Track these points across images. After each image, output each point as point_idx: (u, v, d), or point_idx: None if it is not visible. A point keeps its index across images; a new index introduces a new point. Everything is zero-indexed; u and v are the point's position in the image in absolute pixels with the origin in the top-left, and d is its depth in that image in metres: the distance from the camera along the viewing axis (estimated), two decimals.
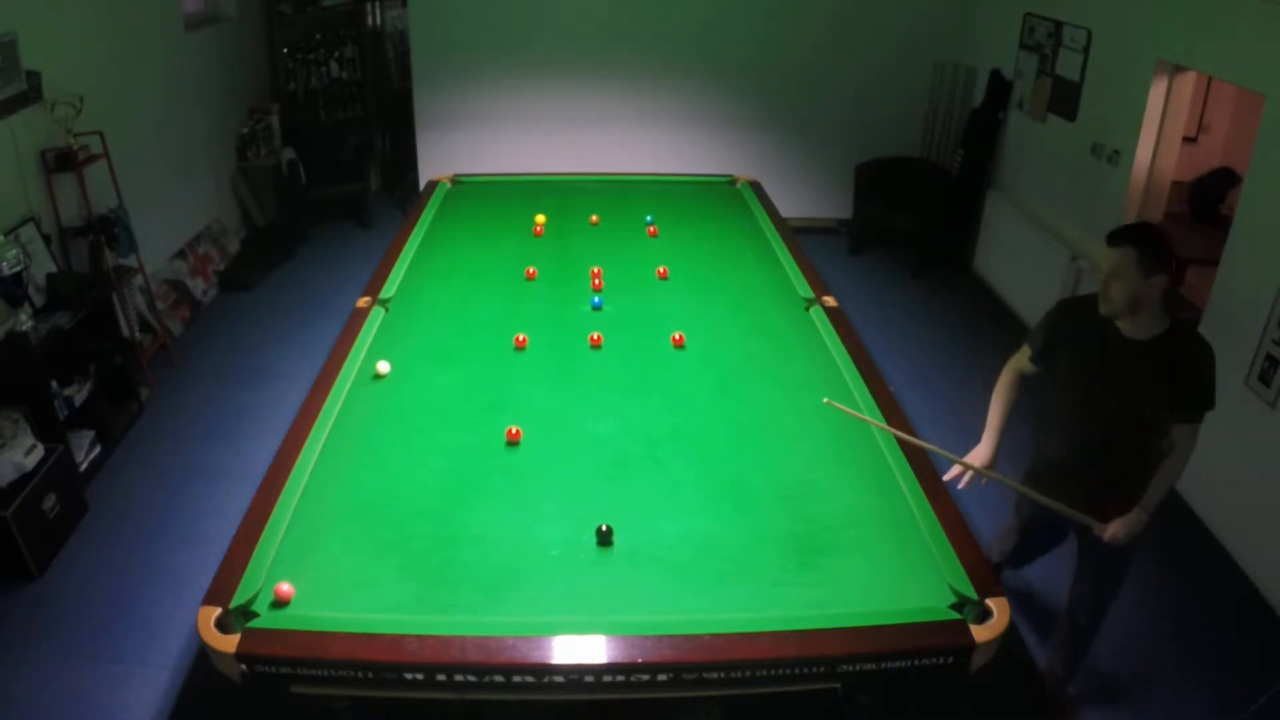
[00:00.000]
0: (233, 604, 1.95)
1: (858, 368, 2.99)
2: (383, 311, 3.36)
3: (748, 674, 1.90)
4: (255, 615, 1.94)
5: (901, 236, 6.28)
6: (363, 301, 3.40)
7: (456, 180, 4.92)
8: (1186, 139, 5.44)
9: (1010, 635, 2.04)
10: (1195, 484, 3.82)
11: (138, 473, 3.89)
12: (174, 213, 5.30)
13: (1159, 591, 3.36)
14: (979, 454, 2.60)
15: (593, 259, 3.80)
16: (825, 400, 2.58)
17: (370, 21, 6.98)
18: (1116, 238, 2.24)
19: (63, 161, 4.00)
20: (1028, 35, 5.39)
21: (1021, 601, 3.26)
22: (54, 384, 3.66)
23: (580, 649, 1.88)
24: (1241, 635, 3.18)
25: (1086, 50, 4.75)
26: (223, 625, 1.89)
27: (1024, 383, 2.66)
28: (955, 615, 1.98)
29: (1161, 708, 2.88)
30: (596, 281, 3.62)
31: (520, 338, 3.16)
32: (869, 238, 6.47)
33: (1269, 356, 3.35)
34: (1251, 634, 3.19)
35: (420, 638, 1.88)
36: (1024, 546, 2.95)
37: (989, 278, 5.88)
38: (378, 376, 2.90)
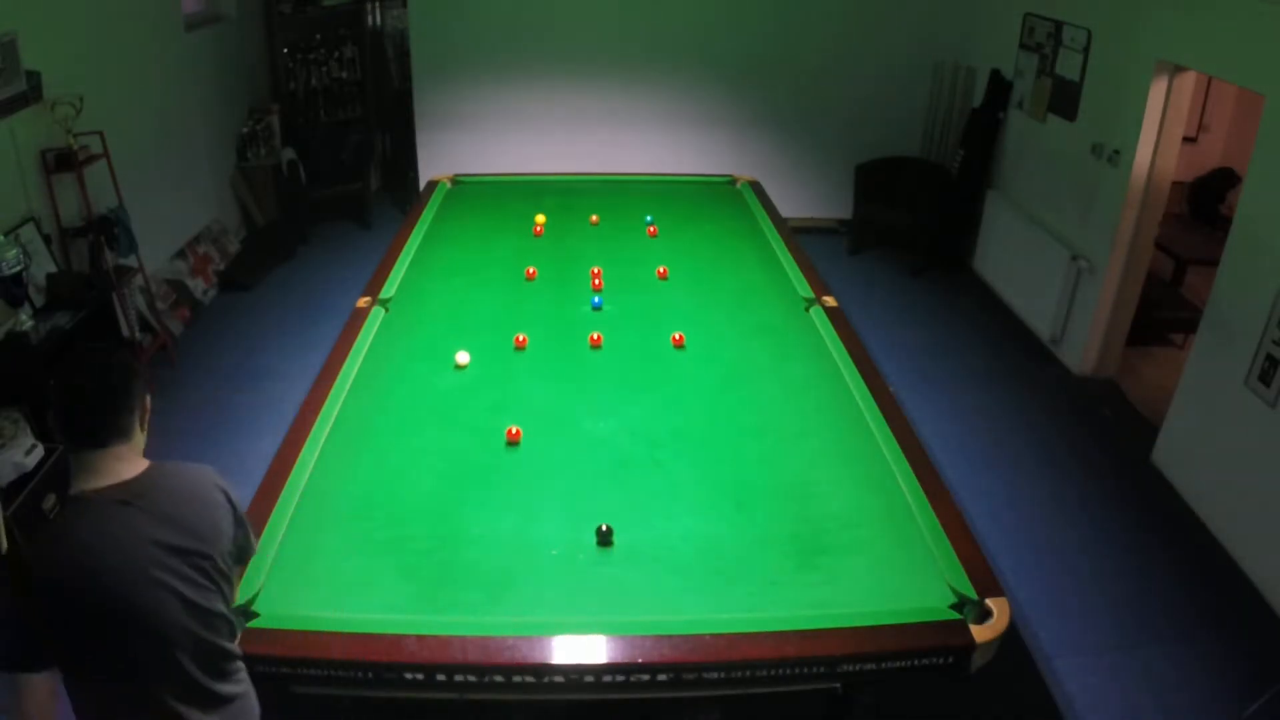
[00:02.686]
0: (233, 604, 1.95)
1: (858, 368, 2.99)
2: (383, 311, 3.35)
3: (748, 674, 1.90)
4: (255, 615, 1.93)
5: (901, 236, 6.28)
6: (363, 301, 3.40)
7: (456, 180, 4.91)
8: (1186, 139, 5.45)
9: (1010, 635, 2.04)
10: (1195, 483, 3.83)
11: None
12: (174, 213, 5.30)
13: (1158, 591, 3.36)
14: None
15: (593, 259, 3.80)
16: None
17: (370, 21, 6.98)
18: None
19: (63, 161, 4.00)
20: (1028, 35, 5.39)
21: (1023, 600, 3.26)
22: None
23: (580, 649, 1.88)
24: (1241, 635, 3.18)
25: (1086, 50, 4.75)
26: None
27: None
28: (955, 615, 1.98)
29: (1160, 707, 2.88)
30: (596, 281, 3.62)
31: (520, 338, 3.16)
32: (869, 238, 6.47)
33: (1269, 356, 3.35)
34: (1251, 634, 3.19)
35: (420, 638, 1.88)
36: None
37: (989, 278, 5.88)
38: (458, 368, 2.96)
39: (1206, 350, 3.79)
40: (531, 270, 3.72)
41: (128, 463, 1.68)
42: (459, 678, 1.86)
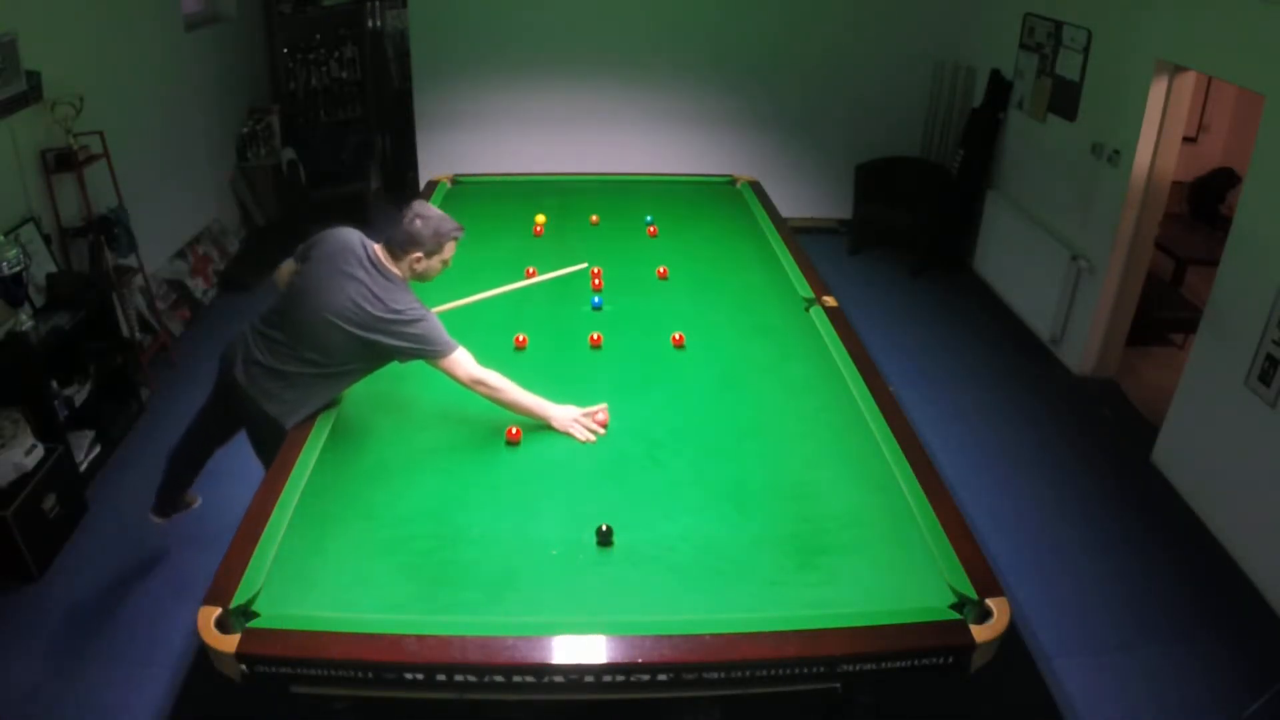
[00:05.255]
0: (233, 604, 1.95)
1: (858, 368, 2.98)
2: None
3: (748, 674, 1.90)
4: (255, 615, 1.93)
5: (901, 236, 6.28)
6: None
7: (456, 180, 4.91)
8: (1186, 139, 5.45)
9: (1010, 635, 2.04)
10: (1195, 484, 3.83)
11: (138, 473, 3.89)
12: (174, 213, 5.30)
13: (1157, 591, 3.36)
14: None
15: (593, 259, 3.80)
16: None
17: (370, 21, 6.99)
18: None
19: (63, 161, 4.00)
20: (1028, 35, 5.40)
21: (1023, 600, 3.26)
22: (54, 384, 3.66)
23: (580, 649, 1.88)
24: (1241, 635, 3.18)
25: (1086, 50, 4.75)
26: (223, 625, 1.89)
27: None
28: (955, 615, 1.97)
29: (1160, 707, 2.88)
30: (596, 281, 3.62)
31: (520, 338, 3.16)
32: (869, 238, 6.47)
33: (1269, 356, 3.35)
34: (1251, 634, 3.19)
35: (420, 638, 1.88)
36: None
37: (989, 277, 5.88)
38: None
39: (1206, 350, 3.79)
40: (531, 270, 3.71)
41: (388, 261, 2.63)
42: (459, 678, 1.86)
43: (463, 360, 2.60)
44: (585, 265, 3.60)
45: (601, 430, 2.65)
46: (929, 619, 1.97)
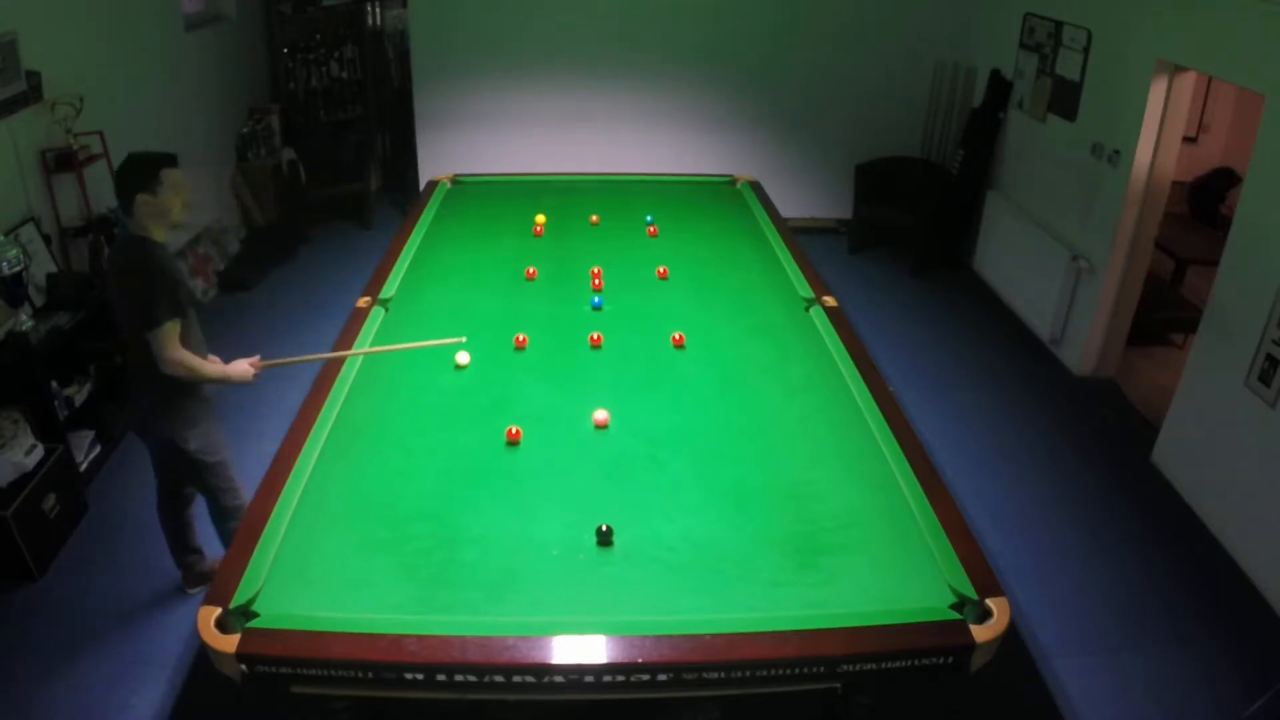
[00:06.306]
0: (233, 604, 1.95)
1: (858, 368, 2.99)
2: (383, 311, 3.36)
3: (748, 674, 1.90)
4: (255, 615, 1.93)
5: (901, 236, 6.28)
6: (363, 301, 3.40)
7: (456, 180, 4.91)
8: (1186, 139, 5.45)
9: (1010, 635, 2.04)
10: (1195, 483, 3.83)
11: (138, 473, 3.89)
12: None
13: (1157, 591, 3.36)
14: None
15: (593, 259, 3.80)
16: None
17: (370, 21, 7.00)
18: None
19: (63, 161, 4.00)
20: (1028, 35, 5.40)
21: (1023, 600, 3.26)
22: (54, 384, 3.66)
23: (580, 649, 1.88)
24: (1241, 635, 3.18)
25: (1086, 50, 4.76)
26: (223, 625, 1.89)
27: None
28: (955, 615, 1.97)
29: (1160, 708, 2.88)
30: (596, 281, 3.62)
31: (520, 338, 3.16)
32: (869, 238, 6.47)
33: (1269, 356, 3.35)
34: (1251, 634, 3.19)
35: (420, 638, 1.88)
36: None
37: (989, 277, 5.88)
38: (458, 368, 2.97)
39: (1206, 350, 3.79)
40: (531, 270, 3.71)
41: (136, 229, 2.70)
42: (459, 678, 1.86)
43: (174, 335, 2.69)
44: (462, 339, 3.01)
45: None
46: (929, 619, 1.97)
